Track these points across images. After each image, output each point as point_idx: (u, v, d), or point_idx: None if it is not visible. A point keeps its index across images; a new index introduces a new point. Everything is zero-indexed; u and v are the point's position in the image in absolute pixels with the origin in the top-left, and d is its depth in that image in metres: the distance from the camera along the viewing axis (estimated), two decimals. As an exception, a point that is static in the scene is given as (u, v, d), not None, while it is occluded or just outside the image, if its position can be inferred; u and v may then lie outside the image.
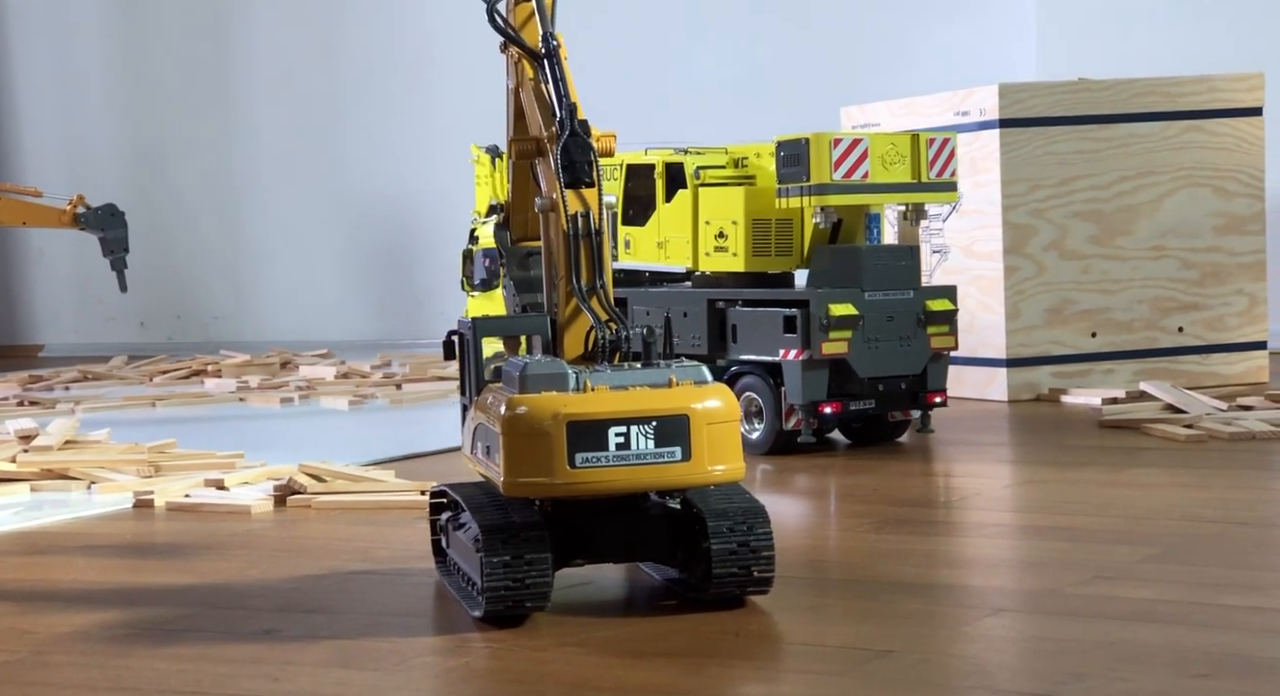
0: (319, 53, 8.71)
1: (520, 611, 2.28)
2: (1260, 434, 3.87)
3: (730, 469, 2.29)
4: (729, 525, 2.32)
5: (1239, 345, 5.02)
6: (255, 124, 8.88)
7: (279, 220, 8.87)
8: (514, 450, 2.25)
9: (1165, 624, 2.14)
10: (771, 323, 3.78)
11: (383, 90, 8.56)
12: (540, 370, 2.29)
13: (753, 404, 3.89)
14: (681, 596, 2.41)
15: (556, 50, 2.55)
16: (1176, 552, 2.62)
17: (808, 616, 2.31)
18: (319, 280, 8.78)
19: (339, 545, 2.97)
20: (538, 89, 2.55)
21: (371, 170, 8.63)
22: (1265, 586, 2.35)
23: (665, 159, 4.11)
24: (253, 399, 5.80)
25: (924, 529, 2.98)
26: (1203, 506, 3.05)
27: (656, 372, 2.31)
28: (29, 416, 4.87)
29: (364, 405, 5.56)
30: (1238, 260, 5.03)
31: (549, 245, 2.49)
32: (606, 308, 2.41)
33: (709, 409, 2.27)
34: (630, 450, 2.24)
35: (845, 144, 3.75)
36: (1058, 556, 2.65)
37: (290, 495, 3.44)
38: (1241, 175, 5.03)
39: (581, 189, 2.45)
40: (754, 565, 2.32)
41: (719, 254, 3.96)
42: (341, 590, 2.57)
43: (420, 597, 2.52)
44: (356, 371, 6.53)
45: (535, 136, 2.56)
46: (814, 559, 2.73)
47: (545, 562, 2.27)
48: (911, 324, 3.77)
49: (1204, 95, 5.00)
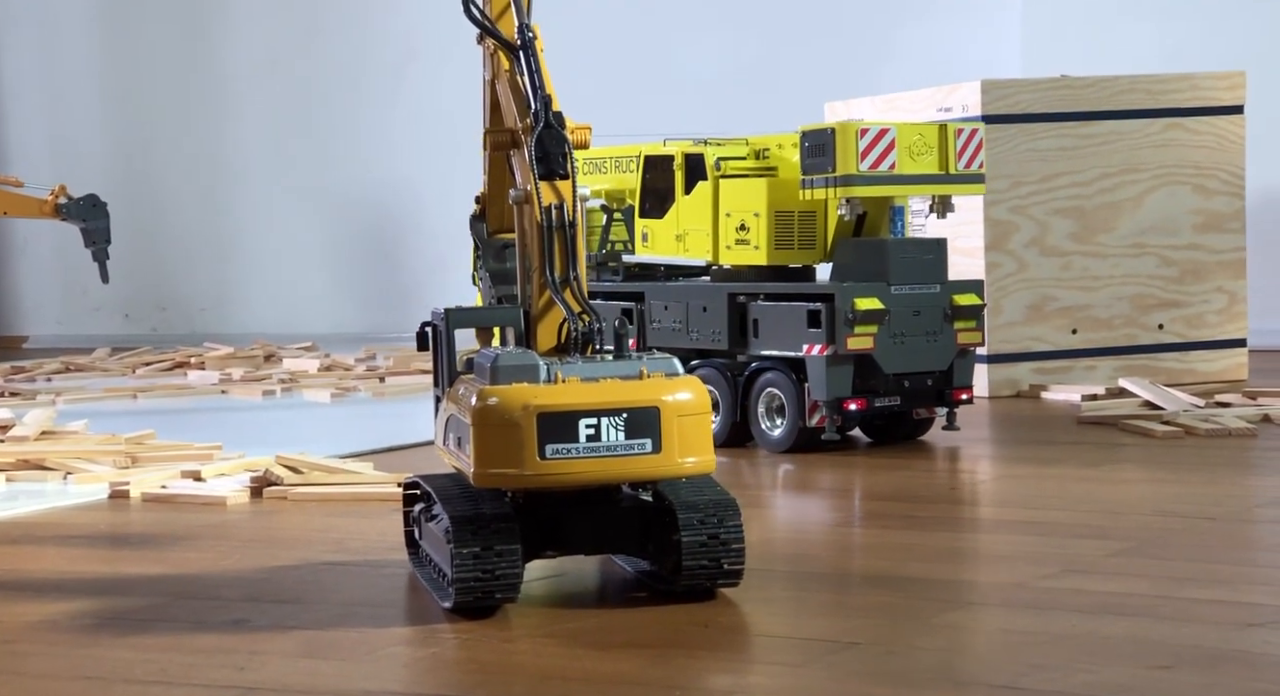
0: (303, 43, 8.69)
1: (490, 602, 2.29)
2: (1236, 430, 3.88)
3: (701, 461, 2.30)
4: (699, 517, 2.33)
5: (1218, 342, 5.04)
6: (240, 115, 8.86)
7: (264, 212, 8.85)
8: (484, 441, 2.25)
9: (1130, 617, 2.16)
10: (795, 317, 3.69)
11: (368, 81, 8.54)
12: (511, 361, 2.30)
13: (774, 400, 3.79)
14: (652, 588, 2.42)
15: (532, 42, 2.55)
16: (1146, 547, 2.63)
17: (777, 608, 2.32)
18: (304, 272, 8.77)
19: (313, 536, 2.97)
20: (513, 81, 2.55)
21: (357, 162, 8.61)
22: (1229, 580, 2.36)
23: (684, 150, 4.01)
24: (235, 391, 5.79)
25: (898, 523, 2.99)
26: (1175, 501, 3.06)
27: (628, 365, 2.32)
28: (7, 407, 4.86)
29: (346, 397, 5.56)
30: (1218, 258, 5.04)
31: (523, 237, 2.49)
32: (580, 300, 2.42)
33: (680, 401, 2.27)
34: (601, 442, 2.25)
35: (872, 134, 3.65)
36: (1028, 550, 2.66)
37: (267, 486, 3.44)
38: (1222, 173, 5.05)
39: (556, 181, 2.45)
40: (724, 557, 2.32)
41: (740, 247, 3.86)
42: (313, 581, 2.57)
43: (392, 588, 2.52)
44: (340, 364, 6.52)
45: (510, 128, 2.56)
46: (786, 551, 2.74)
47: (515, 554, 2.27)
48: (938, 319, 3.67)
49: (1185, 93, 5.01)
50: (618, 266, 4.22)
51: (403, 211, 8.57)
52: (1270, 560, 2.58)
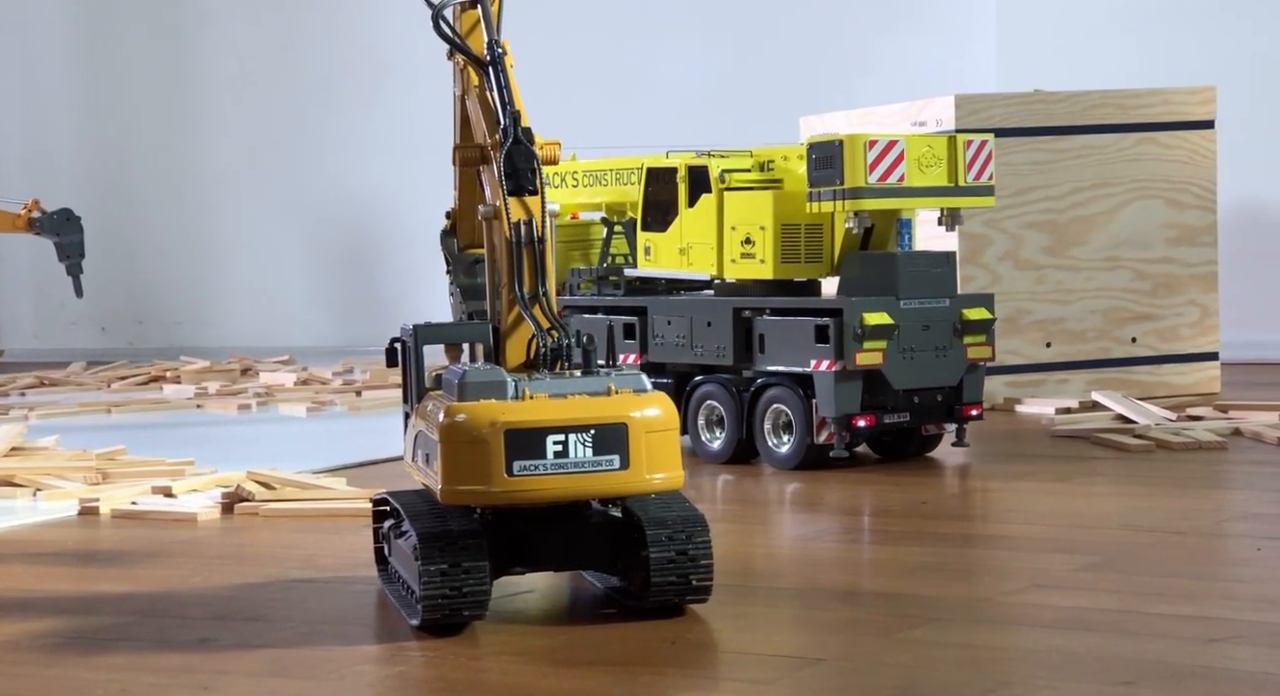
0: (281, 55, 8.68)
1: (458, 620, 2.28)
2: (1206, 444, 3.90)
3: (669, 477, 2.30)
4: (667, 533, 2.33)
5: (1191, 356, 5.07)
6: (217, 127, 8.85)
7: (242, 225, 8.83)
8: (452, 458, 2.25)
9: (1095, 632, 2.16)
10: (802, 332, 3.61)
11: (346, 93, 8.53)
12: (479, 378, 2.30)
13: (781, 416, 3.72)
14: (621, 604, 2.42)
15: (502, 58, 2.55)
16: (1113, 561, 2.64)
17: (745, 624, 2.32)
18: (282, 285, 8.75)
19: (283, 553, 2.96)
20: (483, 97, 2.56)
21: (335, 174, 8.60)
22: (1195, 595, 2.37)
23: (688, 162, 3.93)
24: (210, 405, 5.77)
25: (867, 537, 2.99)
26: (1143, 516, 3.07)
27: (596, 381, 2.32)
28: (-19, 422, 4.83)
29: (322, 412, 5.54)
30: (1190, 271, 5.07)
31: (492, 252, 2.49)
32: (548, 315, 2.42)
33: (648, 417, 2.27)
34: (568, 458, 2.25)
35: (881, 146, 3.58)
36: (996, 565, 2.66)
37: (238, 502, 3.42)
38: (1194, 187, 5.08)
39: (524, 197, 2.46)
40: (692, 573, 2.32)
41: (745, 261, 3.78)
42: (282, 598, 2.56)
43: (361, 606, 2.51)
44: (317, 378, 6.50)
45: (480, 144, 2.57)
46: (756, 567, 2.74)
47: (483, 571, 2.27)
48: (948, 333, 3.61)
49: (1157, 108, 5.05)
50: (619, 280, 4.15)
51: (381, 224, 8.56)
52: (1236, 574, 2.59)
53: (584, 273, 4.21)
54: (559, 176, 4.42)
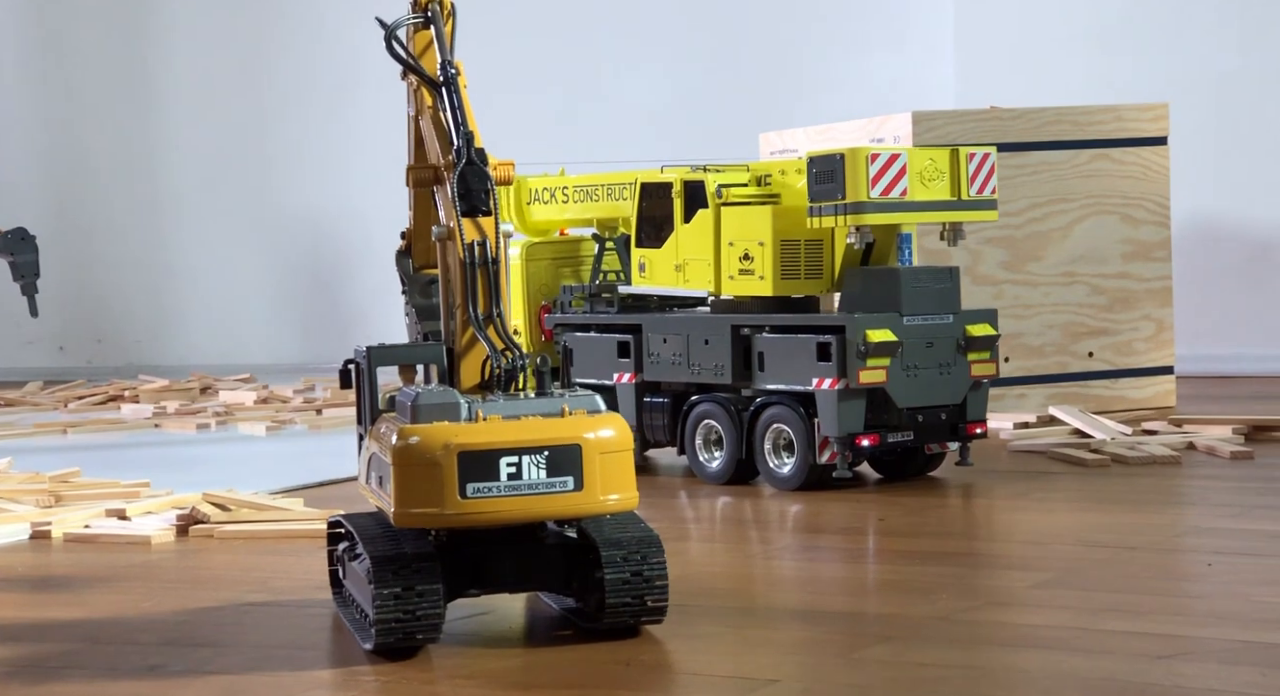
0: (243, 71, 8.64)
1: (411, 643, 2.27)
2: (1161, 458, 3.93)
3: (624, 498, 2.30)
4: (622, 555, 2.32)
5: (1147, 370, 5.11)
6: (177, 144, 8.79)
7: (202, 242, 8.77)
8: (405, 480, 2.24)
9: (1047, 650, 2.17)
10: (803, 350, 3.53)
11: (308, 110, 8.50)
12: (432, 400, 2.29)
13: (781, 436, 3.63)
14: (577, 626, 2.41)
15: (455, 78, 2.55)
16: (1067, 578, 2.66)
17: (700, 645, 2.32)
18: (243, 303, 8.69)
19: (238, 576, 2.94)
20: (436, 117, 2.56)
21: (297, 191, 8.56)
22: (1147, 612, 2.39)
23: (683, 177, 3.85)
24: (169, 425, 5.72)
25: (823, 555, 3.00)
26: (1098, 531, 3.09)
27: (549, 402, 2.32)
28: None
29: (282, 431, 5.51)
30: (1145, 286, 5.12)
31: (446, 273, 2.49)
32: (503, 336, 2.41)
33: (602, 438, 2.27)
34: (522, 480, 2.24)
35: (883, 159, 3.51)
36: (952, 582, 2.67)
37: (193, 525, 3.39)
38: (1148, 203, 5.13)
39: (478, 217, 2.45)
40: (648, 594, 2.32)
41: (744, 277, 3.69)
42: (235, 622, 2.54)
43: (315, 629, 2.49)
44: (278, 396, 6.46)
45: (434, 164, 2.56)
46: (712, 586, 2.74)
47: (436, 594, 2.26)
48: (951, 350, 3.53)
49: (1111, 124, 5.10)
50: (612, 298, 4.04)
51: (343, 240, 8.53)
52: (1187, 590, 2.61)
53: (576, 290, 4.13)
54: (548, 192, 4.35)
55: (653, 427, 3.94)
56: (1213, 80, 6.53)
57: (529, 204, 4.39)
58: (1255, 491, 3.47)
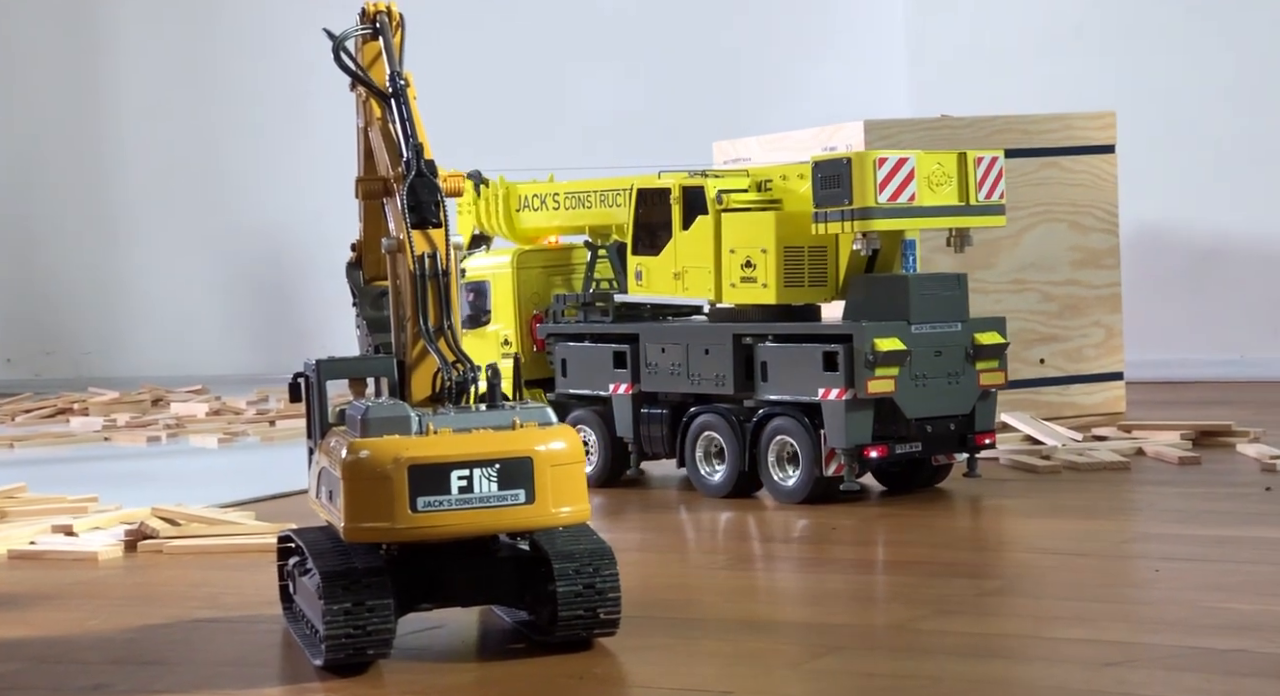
0: (194, 82, 8.57)
1: (362, 659, 2.25)
2: (1110, 464, 3.97)
3: (576, 510, 2.29)
4: (575, 567, 2.32)
5: (1097, 376, 5.15)
6: (129, 154, 8.71)
7: (153, 252, 8.69)
8: (355, 495, 2.23)
9: (996, 658, 2.19)
10: (809, 359, 3.43)
11: (260, 121, 8.44)
12: (382, 413, 2.28)
13: (785, 448, 3.53)
14: (530, 639, 2.40)
15: (404, 90, 2.54)
16: (1017, 585, 2.68)
17: (653, 657, 2.31)
18: (195, 314, 8.61)
19: (187, 592, 2.91)
20: (385, 129, 2.54)
21: (249, 202, 8.50)
22: (1095, 619, 2.41)
23: (682, 182, 3.73)
24: (119, 438, 5.66)
25: (775, 565, 3.00)
26: (1049, 538, 3.11)
27: (501, 414, 2.31)
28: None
29: (234, 443, 5.46)
30: (1095, 293, 5.16)
31: (396, 286, 2.48)
32: (454, 349, 2.41)
33: (553, 451, 2.27)
34: (473, 493, 2.23)
35: (891, 163, 3.40)
36: (904, 591, 2.69)
37: (142, 540, 3.35)
38: (1097, 211, 5.18)
39: (428, 229, 2.44)
40: (600, 607, 2.32)
41: (746, 285, 3.58)
42: (183, 640, 2.51)
43: (265, 646, 2.47)
44: (230, 407, 6.41)
45: (383, 176, 2.55)
46: (665, 598, 2.73)
47: (387, 609, 2.25)
48: (960, 359, 3.44)
49: (1060, 133, 5.14)
50: (607, 307, 3.93)
51: (296, 249, 8.47)
52: (1135, 596, 2.63)
53: (568, 299, 4.04)
54: (538, 198, 4.25)
55: (650, 439, 3.82)
56: (1159, 90, 6.61)
57: (518, 211, 4.28)
58: (1201, 497, 3.50)
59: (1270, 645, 2.15)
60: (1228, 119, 6.66)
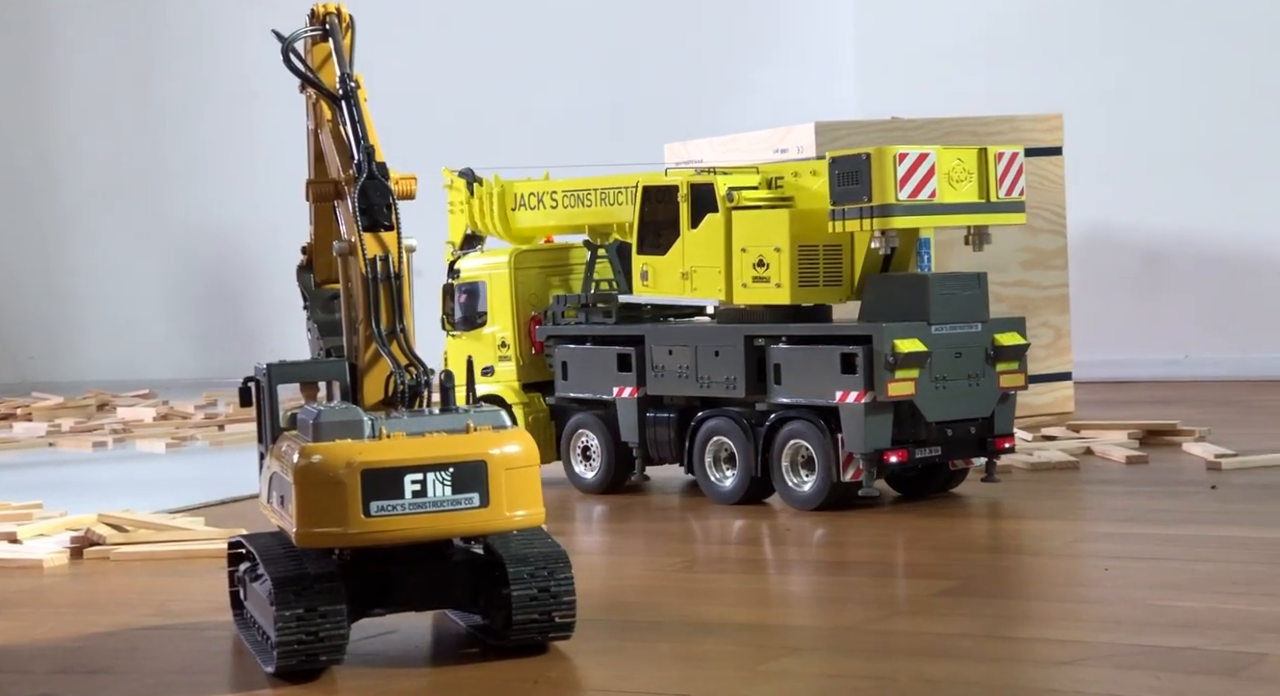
0: (140, 82, 8.48)
1: (315, 665, 2.23)
2: (1059, 464, 4.01)
3: (530, 514, 2.28)
4: (529, 570, 2.31)
5: (1046, 376, 5.20)
6: (73, 157, 8.59)
7: (98, 255, 8.58)
8: (307, 500, 2.20)
9: (953, 658, 2.20)
10: (825, 361, 3.32)
11: (207, 122, 8.36)
12: (334, 417, 2.25)
13: (801, 452, 3.42)
14: (484, 643, 2.39)
15: (355, 92, 2.52)
16: (972, 585, 2.69)
17: (609, 660, 2.30)
18: (141, 317, 8.51)
19: (135, 599, 2.87)
20: (335, 131, 2.52)
21: (196, 203, 8.42)
22: (1047, 618, 2.43)
23: (690, 179, 3.62)
24: (64, 443, 5.58)
25: (733, 567, 3.00)
26: (1001, 538, 3.14)
27: (454, 418, 2.30)
28: None
29: (183, 447, 5.40)
30: (1044, 294, 5.21)
31: (348, 289, 2.46)
32: (407, 352, 2.39)
33: (508, 454, 2.26)
34: (427, 497, 2.22)
35: (911, 159, 3.30)
36: (860, 592, 2.69)
37: (88, 547, 3.31)
38: (1045, 212, 5.23)
39: (380, 232, 2.43)
40: (555, 610, 2.31)
41: (758, 285, 3.47)
42: (131, 647, 2.47)
43: (215, 653, 2.44)
44: (178, 412, 6.33)
45: (334, 179, 2.53)
46: (621, 600, 2.73)
47: (340, 615, 2.23)
48: (980, 360, 3.35)
49: (1008, 135, 5.18)
50: (609, 308, 3.83)
51: (243, 252, 8.40)
52: (1087, 595, 2.65)
53: (569, 300, 3.93)
54: (535, 197, 4.13)
55: (657, 444, 3.71)
56: (1105, 92, 6.68)
57: (514, 210, 4.16)
58: (1148, 495, 3.54)
59: (1219, 642, 2.18)
60: (1173, 122, 6.76)
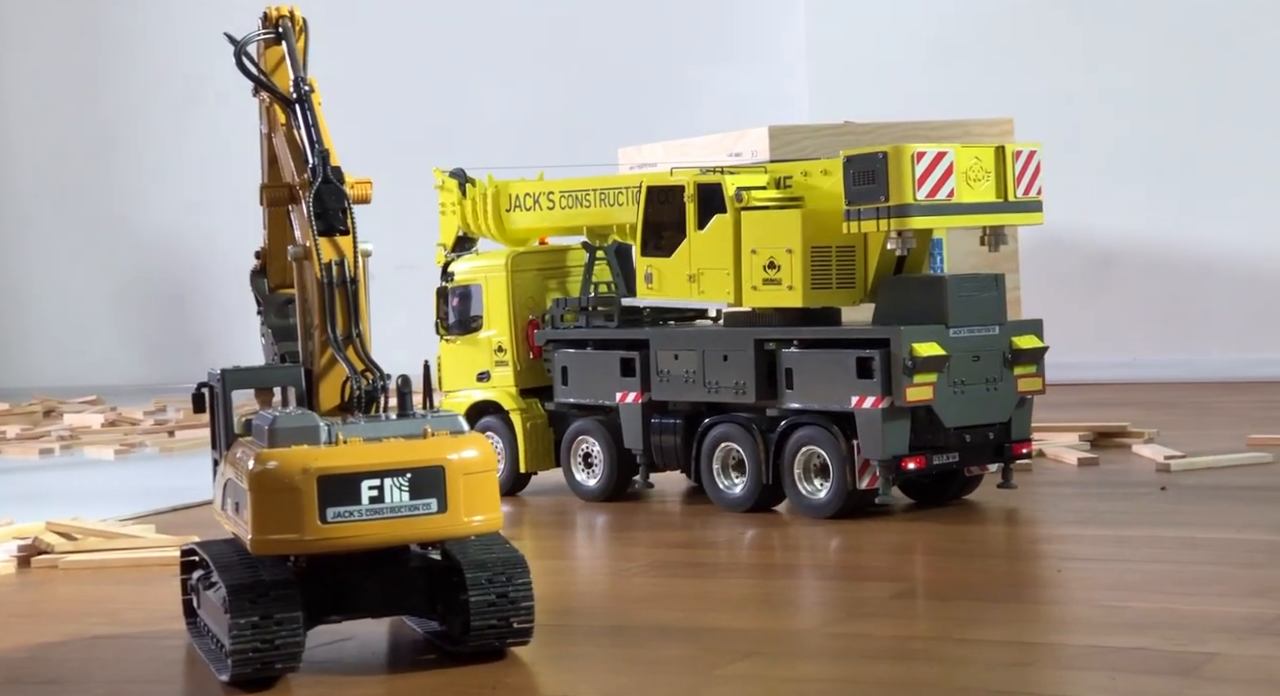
0: (86, 84, 8.38)
1: (270, 673, 2.21)
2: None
3: (488, 519, 2.27)
4: (487, 576, 2.30)
5: (998, 379, 5.24)
6: (16, 159, 8.48)
7: (44, 259, 8.47)
8: (262, 507, 2.19)
9: (906, 660, 2.21)
10: (839, 365, 3.22)
11: (156, 124, 8.28)
12: (290, 423, 2.24)
13: (813, 459, 3.32)
14: (442, 650, 2.38)
15: (309, 96, 2.50)
16: (926, 588, 2.71)
17: (567, 666, 2.30)
18: (88, 322, 8.41)
19: (85, 608, 2.83)
20: (289, 135, 2.51)
21: (144, 207, 8.33)
22: (1000, 620, 2.45)
23: (696, 179, 3.52)
24: (9, 450, 5.50)
25: (688, 571, 3.01)
26: (952, 540, 3.16)
27: (411, 423, 2.29)
28: None
29: (132, 454, 5.34)
30: (995, 297, 5.26)
31: (303, 294, 2.44)
32: (363, 357, 2.38)
33: (465, 459, 2.25)
34: (384, 503, 2.21)
35: (929, 158, 3.20)
36: (816, 596, 2.71)
37: (36, 555, 3.26)
38: (996, 216, 5.28)
39: (336, 237, 2.41)
40: (513, 616, 2.30)
41: (769, 287, 3.36)
42: (82, 657, 2.44)
43: (169, 662, 2.42)
44: (127, 418, 6.26)
45: (288, 183, 2.51)
46: (578, 605, 2.73)
47: (296, 622, 2.21)
48: (998, 364, 3.26)
49: (959, 138, 5.22)
50: (611, 311, 3.73)
51: (193, 256, 8.32)
52: (1040, 597, 2.68)
53: (568, 303, 3.83)
54: (530, 197, 4.03)
55: (662, 451, 3.61)
56: (1054, 96, 6.76)
57: (509, 211, 4.05)
58: (1099, 496, 3.58)
59: (1170, 642, 2.21)
60: (1121, 126, 6.84)
